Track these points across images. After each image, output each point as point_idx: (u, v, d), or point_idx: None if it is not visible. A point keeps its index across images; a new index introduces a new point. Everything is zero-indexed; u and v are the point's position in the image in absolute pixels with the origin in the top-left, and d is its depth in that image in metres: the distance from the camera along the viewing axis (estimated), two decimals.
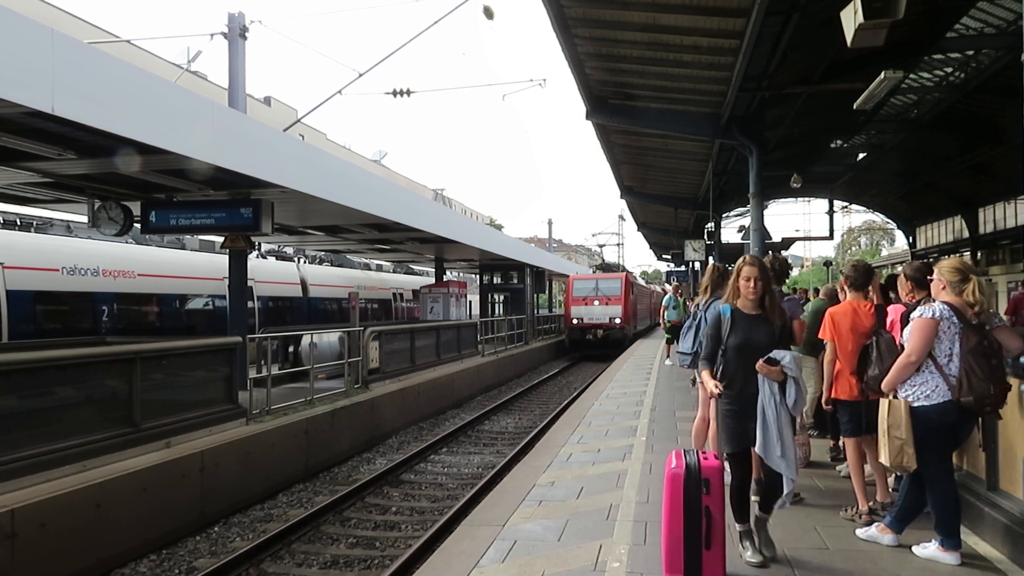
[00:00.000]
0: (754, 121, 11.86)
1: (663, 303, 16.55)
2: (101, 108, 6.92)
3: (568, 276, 30.08)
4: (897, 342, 4.44)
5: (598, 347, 26.32)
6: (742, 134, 11.91)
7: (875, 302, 5.12)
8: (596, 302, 26.91)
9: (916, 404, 4.10)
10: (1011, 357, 4.13)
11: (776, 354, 3.92)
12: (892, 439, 4.07)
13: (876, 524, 4.56)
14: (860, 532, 4.59)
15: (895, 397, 4.20)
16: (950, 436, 4.20)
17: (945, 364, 4.05)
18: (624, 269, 35.26)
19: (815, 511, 5.14)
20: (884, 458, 4.18)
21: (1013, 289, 21.63)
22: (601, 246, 39.22)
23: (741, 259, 4.30)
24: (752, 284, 4.12)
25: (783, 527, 4.75)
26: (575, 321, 27.18)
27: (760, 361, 3.90)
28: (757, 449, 3.91)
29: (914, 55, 12.29)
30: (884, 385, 4.26)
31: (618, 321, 26.57)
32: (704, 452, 3.96)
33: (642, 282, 48.19)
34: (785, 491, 3.92)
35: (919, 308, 4.20)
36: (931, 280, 4.37)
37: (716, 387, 4.04)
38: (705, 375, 4.21)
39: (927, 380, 4.09)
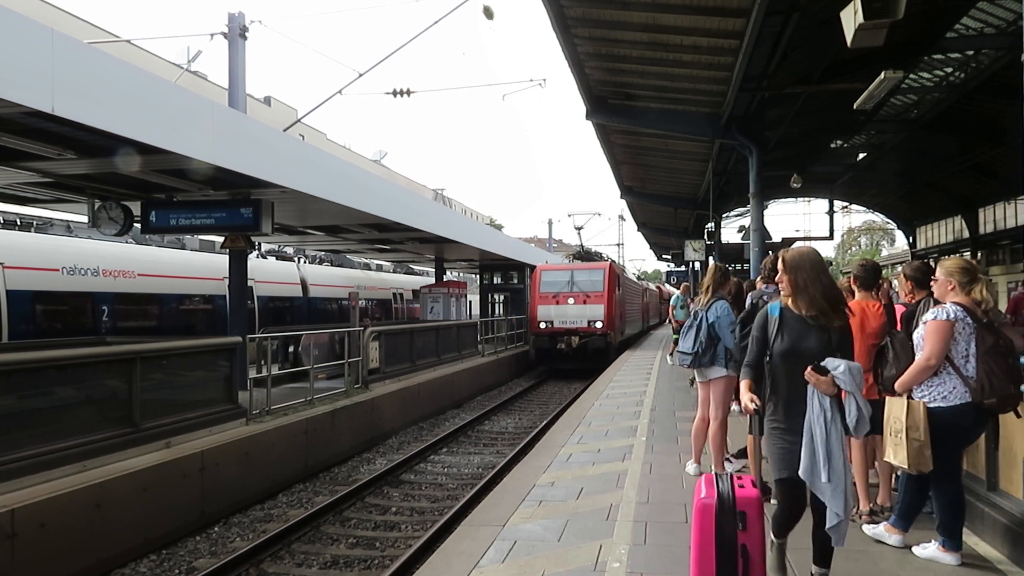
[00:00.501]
0: (754, 121, 11.88)
1: (671, 303, 16.45)
2: (101, 108, 6.92)
3: (535, 266, 23.33)
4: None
5: (572, 360, 20.68)
6: (742, 134, 11.92)
7: (883, 301, 5.09)
8: (571, 300, 20.97)
9: (933, 405, 4.06)
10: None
11: (829, 363, 3.35)
12: (911, 440, 4.02)
13: (883, 524, 4.54)
14: (867, 529, 4.58)
15: (910, 398, 4.17)
16: (963, 438, 4.18)
17: (962, 365, 4.01)
18: (609, 258, 26.12)
19: None
20: (892, 458, 4.17)
21: (1013, 289, 21.67)
22: (579, 228, 29.51)
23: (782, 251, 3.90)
24: (778, 279, 3.66)
25: None
26: (542, 325, 21.11)
27: (808, 369, 3.33)
28: (801, 473, 3.40)
29: (914, 55, 12.30)
30: (898, 386, 4.22)
31: (599, 325, 20.64)
32: (739, 477, 3.48)
33: (633, 276, 39.60)
34: (828, 524, 3.40)
35: (932, 311, 4.14)
36: (934, 281, 4.32)
37: (752, 401, 3.50)
38: (743, 386, 3.63)
39: (944, 381, 4.06)
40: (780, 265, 3.63)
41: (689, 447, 6.63)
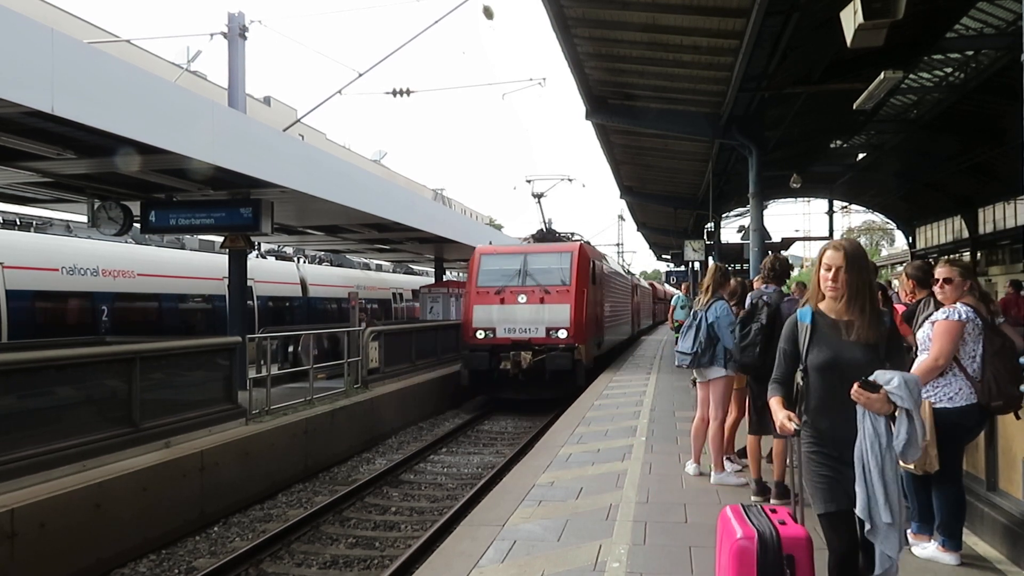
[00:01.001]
0: (754, 121, 11.87)
1: (672, 303, 16.22)
2: (101, 108, 6.93)
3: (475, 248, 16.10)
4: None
5: (522, 386, 14.25)
6: (742, 134, 11.91)
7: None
8: (522, 297, 14.42)
9: (938, 406, 4.04)
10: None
11: (880, 376, 2.75)
12: None
13: (908, 532, 4.48)
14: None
15: None
16: (966, 438, 4.18)
17: (968, 365, 4.01)
18: (580, 238, 17.57)
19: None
20: None
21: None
22: (539, 196, 18.61)
23: (827, 242, 3.25)
24: (832, 276, 2.97)
25: None
26: (480, 335, 14.47)
27: (855, 386, 2.76)
28: (859, 512, 2.81)
29: (914, 55, 12.30)
30: None
31: (563, 334, 14.14)
32: (774, 511, 3.01)
33: (620, 267, 29.50)
34: (878, 570, 2.84)
35: (943, 311, 4.11)
36: (940, 281, 4.23)
37: (789, 419, 2.91)
38: (774, 403, 3.07)
39: (951, 382, 4.04)
40: (841, 260, 2.96)
41: (689, 447, 6.64)
